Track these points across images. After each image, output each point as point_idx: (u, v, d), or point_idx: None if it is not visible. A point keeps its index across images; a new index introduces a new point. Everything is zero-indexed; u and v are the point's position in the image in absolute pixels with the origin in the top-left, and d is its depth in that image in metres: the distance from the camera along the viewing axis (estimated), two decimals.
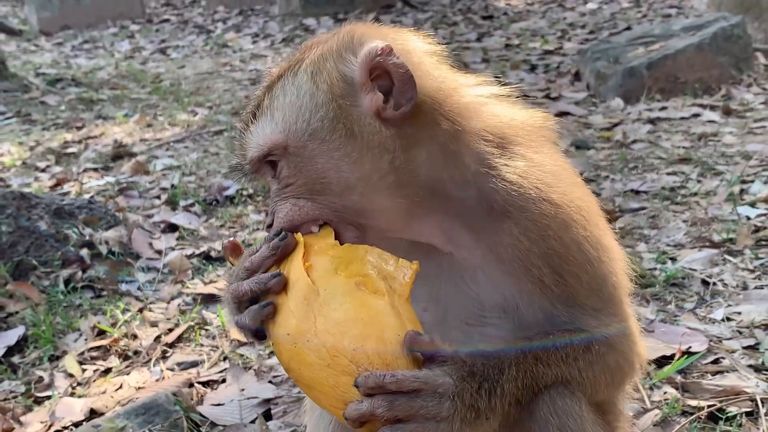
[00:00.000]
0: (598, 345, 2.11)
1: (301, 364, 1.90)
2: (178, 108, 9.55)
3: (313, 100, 2.03)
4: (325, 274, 1.93)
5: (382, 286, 1.93)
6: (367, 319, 1.87)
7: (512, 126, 2.16)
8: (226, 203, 6.16)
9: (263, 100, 2.12)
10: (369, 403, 1.84)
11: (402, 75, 1.99)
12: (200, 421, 3.58)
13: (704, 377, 3.52)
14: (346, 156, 2.01)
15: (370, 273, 1.94)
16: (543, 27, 11.90)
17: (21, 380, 4.15)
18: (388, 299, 1.91)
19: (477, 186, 2.06)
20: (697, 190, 5.43)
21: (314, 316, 1.88)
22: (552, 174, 2.13)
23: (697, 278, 4.29)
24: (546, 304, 2.10)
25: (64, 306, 4.73)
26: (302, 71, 2.07)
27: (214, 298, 4.68)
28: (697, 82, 7.80)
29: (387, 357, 1.87)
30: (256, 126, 2.10)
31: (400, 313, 1.92)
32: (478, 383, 1.93)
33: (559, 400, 2.04)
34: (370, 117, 2.02)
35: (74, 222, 5.32)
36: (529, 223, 2.05)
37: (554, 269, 2.07)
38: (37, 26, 17.16)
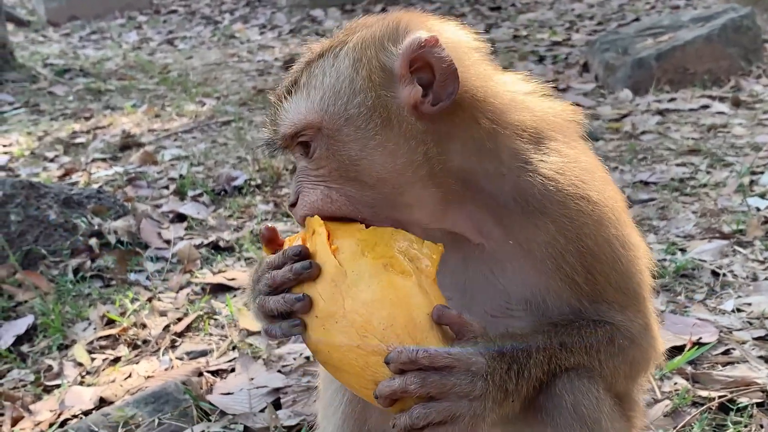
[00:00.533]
0: (621, 339, 2.12)
1: (329, 346, 1.90)
2: (186, 99, 9.55)
3: (351, 86, 2.00)
4: (352, 256, 1.93)
5: (408, 266, 1.93)
6: (395, 299, 1.87)
7: (546, 121, 2.15)
8: (235, 193, 6.16)
9: (301, 76, 2.09)
10: (401, 380, 1.83)
11: (444, 69, 1.96)
12: (210, 409, 3.58)
13: (715, 368, 3.51)
14: (380, 146, 1.98)
15: (397, 254, 1.94)
16: (551, 18, 11.86)
17: (30, 369, 4.16)
18: (415, 279, 1.92)
19: (512, 181, 2.05)
20: (707, 181, 5.42)
21: (342, 298, 1.88)
22: (586, 171, 2.12)
23: (707, 269, 4.27)
24: (573, 300, 2.09)
25: (73, 295, 4.73)
26: (343, 54, 2.04)
27: (222, 287, 4.68)
28: (707, 73, 7.77)
29: (417, 335, 1.87)
30: (291, 102, 2.07)
31: (428, 292, 1.93)
32: (507, 364, 1.93)
33: (576, 380, 2.04)
34: (407, 110, 1.98)
35: (83, 212, 5.32)
36: (566, 220, 2.04)
37: (586, 267, 2.07)
38: (44, 17, 17.16)
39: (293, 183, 2.11)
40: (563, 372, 2.04)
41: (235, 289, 4.65)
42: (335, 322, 1.88)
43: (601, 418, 2.05)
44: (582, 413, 2.02)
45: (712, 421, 3.18)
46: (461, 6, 13.61)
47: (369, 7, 14.17)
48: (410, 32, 1.99)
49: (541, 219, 2.05)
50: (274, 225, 2.13)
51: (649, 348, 2.23)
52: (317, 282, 1.92)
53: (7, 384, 4.05)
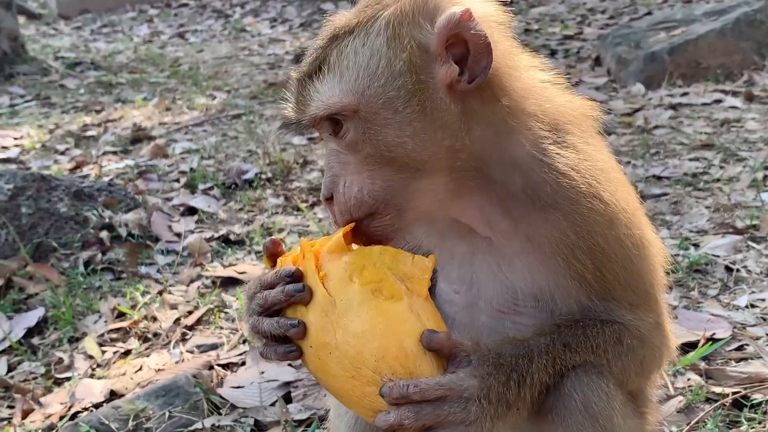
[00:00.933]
0: (630, 338, 2.09)
1: (327, 375, 1.90)
2: (197, 92, 9.55)
3: (390, 67, 1.92)
4: (340, 283, 1.90)
5: (399, 288, 1.91)
6: (385, 329, 1.86)
7: (564, 113, 2.10)
8: (245, 187, 6.15)
9: (329, 54, 1.98)
10: (396, 414, 1.84)
11: (479, 44, 1.90)
12: (220, 403, 3.58)
13: (728, 364, 3.49)
14: (415, 131, 1.92)
15: (386, 276, 1.91)
16: (562, 12, 11.81)
17: (41, 361, 4.16)
18: (406, 302, 1.90)
19: (525, 172, 2.01)
20: (720, 176, 5.38)
21: (333, 329, 1.87)
22: (601, 169, 2.08)
23: (720, 265, 4.25)
24: (583, 297, 2.07)
25: (84, 288, 4.74)
26: (377, 31, 1.94)
27: (233, 281, 4.67)
28: (719, 67, 7.71)
29: (409, 365, 1.86)
30: (322, 82, 1.97)
31: (420, 315, 1.91)
32: (506, 375, 1.92)
33: (585, 377, 2.01)
34: (443, 91, 1.93)
35: (94, 204, 5.32)
36: (578, 217, 2.01)
37: (596, 265, 2.04)
38: (56, 10, 17.20)
39: (326, 170, 2.04)
40: (571, 370, 2.01)
41: (246, 282, 4.64)
42: (329, 353, 1.87)
43: (613, 415, 2.03)
44: (593, 411, 1.99)
45: (725, 417, 3.16)
46: None
47: None
48: (441, 8, 1.93)
49: (552, 214, 2.01)
50: (276, 238, 2.11)
51: (660, 346, 2.21)
52: (309, 310, 1.91)
53: (17, 376, 4.05)
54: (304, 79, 2.02)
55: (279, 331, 1.93)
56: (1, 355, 4.25)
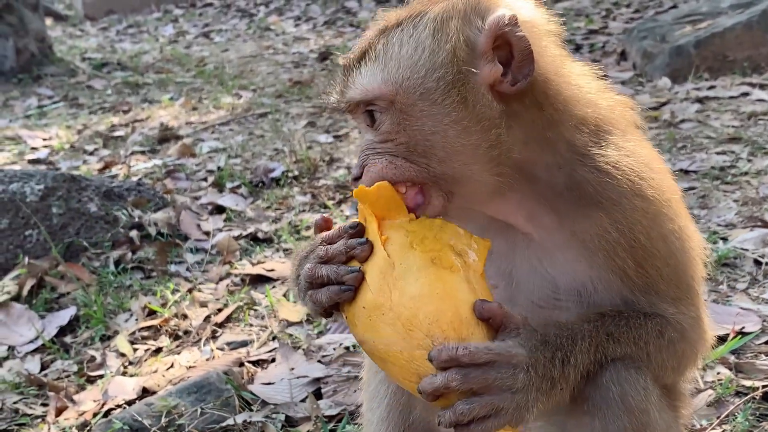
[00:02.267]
0: (671, 331, 2.11)
1: (375, 337, 1.91)
2: (223, 91, 9.60)
3: (432, 59, 1.95)
4: (401, 248, 1.93)
5: (456, 261, 1.93)
6: (443, 294, 1.87)
7: (606, 113, 2.13)
8: (272, 185, 6.18)
9: (376, 44, 2.03)
10: (443, 376, 1.84)
11: (524, 49, 1.93)
12: (251, 399, 3.61)
13: (758, 357, 3.48)
14: (454, 123, 1.95)
15: (445, 248, 1.93)
16: (587, 6, 11.76)
17: (73, 359, 4.21)
18: (462, 274, 1.92)
19: (568, 172, 2.04)
20: (748, 169, 5.36)
21: (390, 290, 1.89)
22: (644, 164, 2.10)
23: (749, 258, 4.23)
24: (625, 291, 2.09)
25: (115, 287, 4.78)
26: (424, 24, 1.99)
27: (262, 278, 4.71)
28: (746, 60, 7.66)
29: (462, 331, 1.87)
30: (365, 69, 2.02)
31: (475, 288, 1.92)
32: (551, 352, 1.93)
33: (624, 371, 2.03)
34: (485, 88, 1.95)
35: (123, 204, 5.38)
36: (619, 215, 2.03)
37: (638, 261, 2.06)
38: (82, 11, 17.34)
39: (359, 156, 2.07)
40: (610, 363, 2.02)
41: (274, 279, 4.68)
42: (382, 314, 1.88)
43: (650, 408, 2.04)
44: (630, 404, 2.01)
45: (755, 410, 3.15)
46: None
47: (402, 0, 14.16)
48: (493, 8, 1.96)
49: (594, 211, 2.03)
50: (328, 216, 2.13)
51: (699, 341, 2.22)
52: (366, 272, 1.92)
53: (51, 374, 4.10)
54: (350, 65, 2.07)
55: (336, 275, 1.95)
56: (35, 354, 4.30)
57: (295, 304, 4.33)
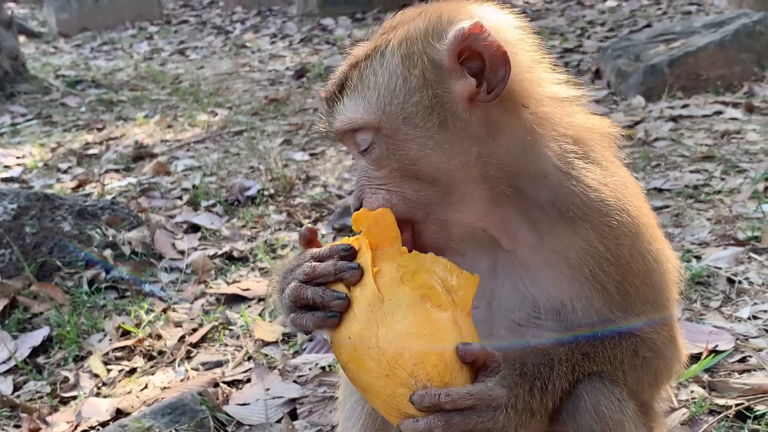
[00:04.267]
0: (646, 350, 2.14)
1: (359, 368, 1.91)
2: (198, 109, 9.58)
3: (406, 85, 1.97)
4: (391, 283, 1.92)
5: (445, 299, 1.93)
6: (429, 335, 1.88)
7: (587, 130, 2.15)
8: (248, 203, 6.17)
9: (351, 75, 2.06)
10: (425, 421, 1.87)
11: (493, 53, 1.93)
12: (226, 420, 3.59)
13: (731, 376, 3.50)
14: (439, 145, 1.97)
15: (435, 285, 1.94)
16: (562, 25, 11.85)
17: (46, 380, 4.17)
18: (450, 313, 1.93)
19: (553, 184, 2.05)
20: (721, 187, 5.40)
21: (377, 325, 1.89)
22: (625, 185, 2.14)
23: (722, 276, 4.25)
24: (605, 309, 2.11)
25: (88, 306, 4.75)
26: (390, 53, 2.01)
27: (237, 298, 4.68)
28: (719, 79, 7.74)
29: (446, 375, 1.89)
30: (346, 99, 2.04)
31: (461, 328, 1.94)
32: (530, 384, 1.95)
33: (598, 382, 2.06)
34: (463, 104, 1.97)
35: (97, 223, 5.34)
36: (606, 229, 2.06)
37: (621, 278, 2.09)
38: (56, 28, 17.26)
39: (356, 186, 2.09)
40: (585, 376, 2.06)
41: (250, 299, 4.66)
42: (367, 348, 1.89)
43: (624, 421, 2.06)
44: (603, 414, 2.02)
45: (729, 429, 3.17)
46: None
47: (379, 16, 14.21)
48: (453, 23, 1.97)
49: (581, 225, 2.06)
50: (313, 227, 2.13)
51: (673, 359, 2.25)
52: (355, 302, 1.92)
53: (23, 396, 4.06)
54: (331, 97, 2.09)
55: (322, 300, 1.93)
56: (7, 375, 4.25)
57: (271, 323, 4.32)
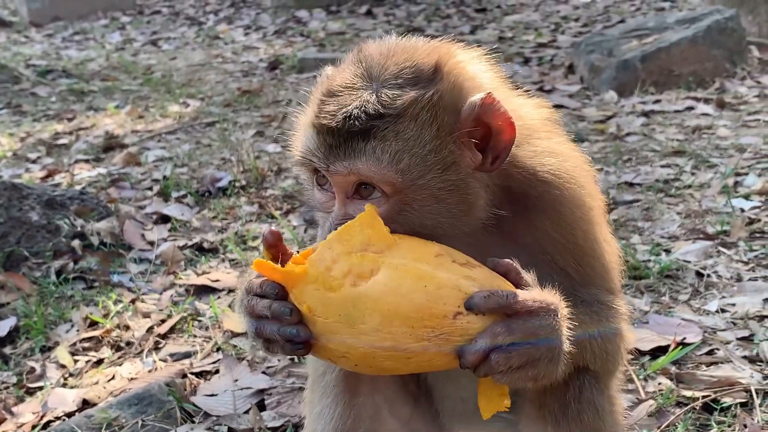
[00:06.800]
0: (614, 313, 2.23)
1: (376, 359, 1.86)
2: (170, 99, 9.51)
3: (432, 151, 1.93)
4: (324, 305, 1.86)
5: (373, 258, 1.87)
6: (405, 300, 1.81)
7: (537, 122, 2.19)
8: (219, 195, 6.13)
9: (377, 126, 1.93)
10: (486, 337, 1.80)
11: (501, 126, 1.95)
12: (194, 411, 3.57)
13: (699, 368, 3.52)
14: (449, 207, 1.98)
15: (355, 259, 1.87)
16: (536, 20, 11.88)
17: (12, 371, 4.13)
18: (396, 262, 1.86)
19: (512, 180, 2.09)
20: (691, 182, 5.43)
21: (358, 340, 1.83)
22: (576, 168, 2.19)
23: (691, 270, 4.28)
24: (566, 285, 2.12)
25: (56, 297, 4.71)
26: (408, 116, 1.93)
27: (206, 289, 4.66)
28: (691, 75, 7.79)
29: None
30: (368, 148, 1.92)
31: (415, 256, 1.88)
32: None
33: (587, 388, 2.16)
34: (467, 170, 1.99)
35: (66, 213, 5.29)
36: (560, 218, 2.12)
37: (577, 261, 2.16)
38: (27, 17, 17.07)
39: (334, 221, 2.02)
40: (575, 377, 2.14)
41: (219, 290, 4.63)
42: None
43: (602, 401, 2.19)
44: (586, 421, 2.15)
45: (695, 421, 3.19)
46: (447, 8, 13.61)
47: (354, 8, 14.18)
48: (466, 93, 1.98)
49: (538, 216, 2.11)
50: (277, 230, 2.06)
51: (624, 341, 2.31)
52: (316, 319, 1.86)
53: None
54: (346, 136, 1.95)
55: (282, 336, 1.90)
56: None
57: (241, 314, 4.29)
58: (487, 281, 1.85)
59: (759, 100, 7.19)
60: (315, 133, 1.98)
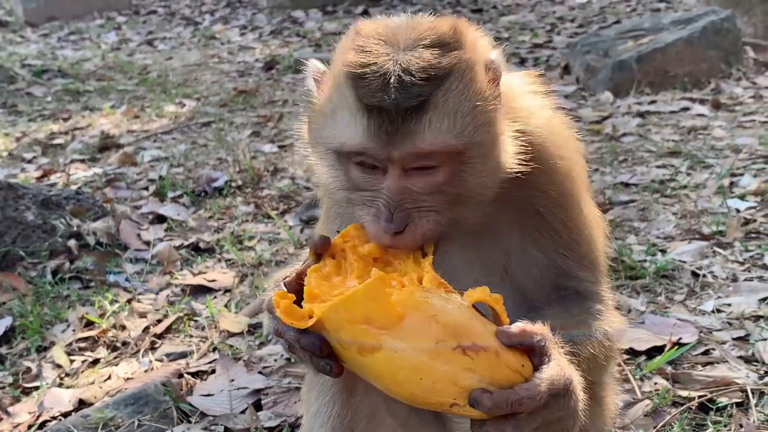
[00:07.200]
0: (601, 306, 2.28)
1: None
2: (166, 99, 9.50)
3: (482, 110, 1.97)
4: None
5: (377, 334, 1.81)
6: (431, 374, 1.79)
7: (519, 89, 2.25)
8: (215, 195, 6.13)
9: (435, 94, 1.92)
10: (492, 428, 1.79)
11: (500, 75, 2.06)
12: (190, 411, 3.57)
13: (694, 368, 3.53)
14: (497, 166, 2.03)
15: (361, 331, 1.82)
16: (532, 20, 11.87)
17: (8, 371, 4.12)
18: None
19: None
20: (687, 182, 5.44)
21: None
22: (562, 136, 2.29)
23: (687, 270, 4.29)
24: (554, 268, 2.24)
25: (52, 297, 4.70)
26: (454, 76, 1.95)
27: (203, 289, 4.66)
28: (687, 75, 7.80)
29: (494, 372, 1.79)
30: (433, 119, 1.91)
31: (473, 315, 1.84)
32: (577, 355, 2.02)
33: None
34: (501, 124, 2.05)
35: (62, 213, 5.28)
36: (554, 193, 2.19)
37: (571, 237, 2.24)
38: (22, 17, 17.03)
39: (397, 209, 1.96)
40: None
41: (216, 290, 4.64)
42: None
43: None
44: None
45: (692, 420, 3.20)
46: (443, 8, 13.61)
47: (350, 9, 14.17)
48: (486, 50, 2.10)
49: (534, 194, 2.19)
50: (327, 237, 2.01)
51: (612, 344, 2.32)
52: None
53: None
54: (401, 112, 1.91)
55: (315, 368, 1.91)
56: None
57: (237, 314, 4.30)
58: (489, 372, 1.77)
59: (754, 100, 7.20)
60: (363, 117, 1.93)
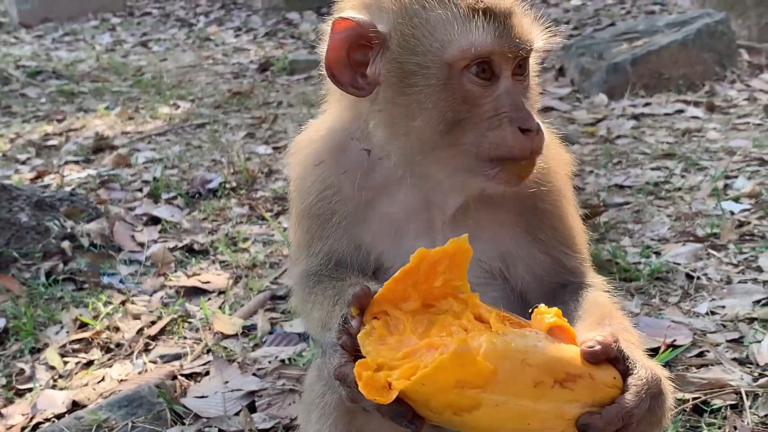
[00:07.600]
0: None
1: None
2: (160, 101, 9.50)
3: None
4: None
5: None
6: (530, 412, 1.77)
7: None
8: (209, 196, 6.12)
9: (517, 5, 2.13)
10: None
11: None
12: (184, 413, 3.56)
13: (689, 370, 3.52)
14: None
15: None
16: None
17: (2, 372, 4.11)
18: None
19: None
20: (681, 185, 5.45)
21: None
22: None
23: (681, 272, 4.29)
24: (539, 257, 2.28)
25: (46, 298, 4.69)
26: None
27: (197, 290, 4.65)
28: (681, 78, 7.81)
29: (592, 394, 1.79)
30: (529, 22, 2.15)
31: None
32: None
33: None
34: None
35: (55, 214, 5.28)
36: (545, 189, 2.24)
37: (559, 231, 2.30)
38: (17, 18, 17.01)
39: (517, 106, 2.07)
40: None
41: (210, 292, 4.63)
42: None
43: None
44: None
45: (686, 422, 3.19)
46: None
47: None
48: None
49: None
50: (368, 288, 1.90)
51: None
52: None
53: None
54: (516, 14, 2.11)
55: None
56: None
57: (231, 316, 4.30)
58: (590, 396, 1.78)
59: (748, 103, 7.22)
60: (488, 20, 2.05)
